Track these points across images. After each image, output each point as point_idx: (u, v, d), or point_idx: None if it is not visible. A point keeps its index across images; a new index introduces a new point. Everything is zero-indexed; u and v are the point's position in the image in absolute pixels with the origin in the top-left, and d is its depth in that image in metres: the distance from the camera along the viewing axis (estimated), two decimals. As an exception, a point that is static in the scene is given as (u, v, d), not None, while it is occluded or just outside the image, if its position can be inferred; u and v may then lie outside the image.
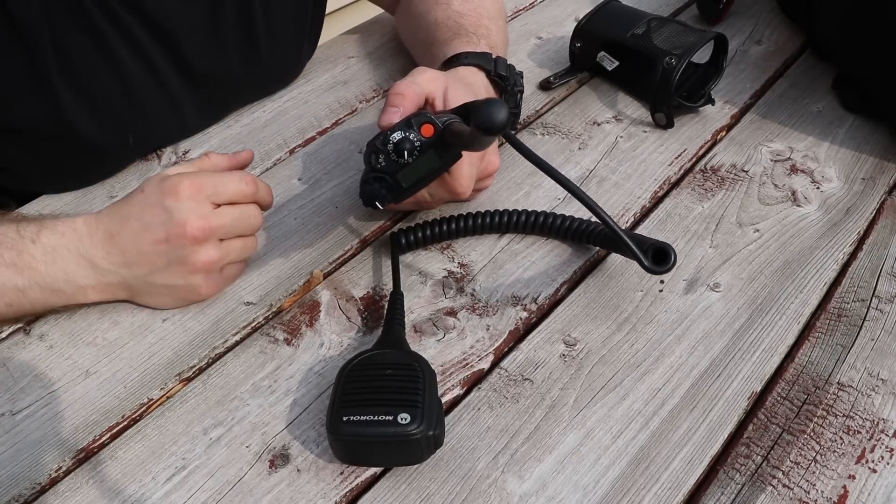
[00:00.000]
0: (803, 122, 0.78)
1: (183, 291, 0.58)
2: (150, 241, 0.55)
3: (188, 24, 0.68)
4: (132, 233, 0.55)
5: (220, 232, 0.56)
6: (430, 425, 0.47)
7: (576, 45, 0.83)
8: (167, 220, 0.54)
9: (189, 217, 0.54)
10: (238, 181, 0.57)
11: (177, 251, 0.55)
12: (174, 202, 0.54)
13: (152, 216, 0.55)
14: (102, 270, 0.56)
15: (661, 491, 0.48)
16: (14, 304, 0.55)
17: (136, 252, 0.55)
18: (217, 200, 0.56)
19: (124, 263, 0.56)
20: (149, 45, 0.67)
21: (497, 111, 0.45)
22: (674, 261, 0.55)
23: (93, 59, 0.64)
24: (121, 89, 0.67)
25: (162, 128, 0.73)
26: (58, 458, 0.50)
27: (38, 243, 0.55)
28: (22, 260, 0.54)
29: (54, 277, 0.55)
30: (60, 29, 0.61)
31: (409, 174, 0.55)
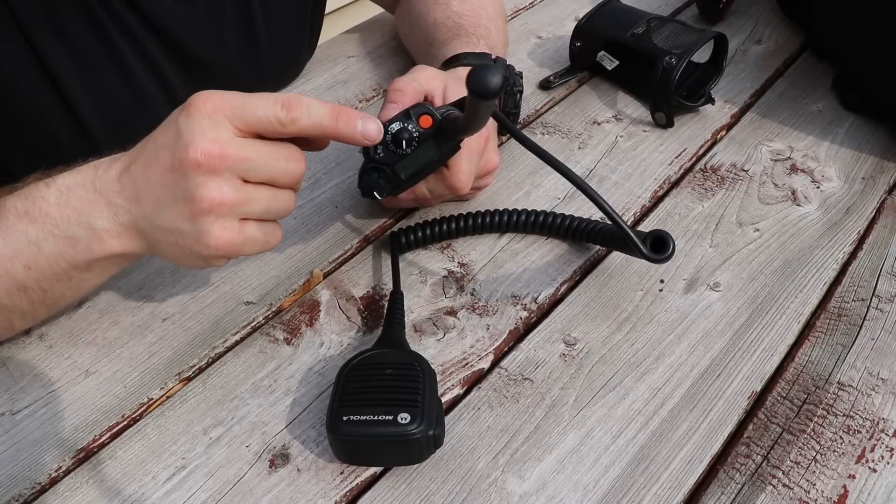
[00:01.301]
0: (803, 122, 0.78)
1: (190, 240, 0.47)
2: (157, 170, 0.46)
3: (187, 23, 0.69)
4: (144, 159, 0.47)
5: (240, 166, 0.45)
6: (430, 425, 0.47)
7: (576, 44, 0.83)
8: (175, 141, 0.45)
9: (196, 137, 0.44)
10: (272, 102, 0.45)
11: (181, 182, 0.45)
12: (185, 119, 0.45)
13: (164, 137, 0.46)
14: (116, 207, 0.47)
15: (661, 490, 0.48)
16: (32, 266, 0.48)
17: (144, 183, 0.46)
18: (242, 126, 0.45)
19: (134, 197, 0.47)
20: (148, 42, 0.67)
21: (491, 74, 0.43)
22: (672, 248, 0.54)
23: (96, 53, 0.64)
24: (122, 83, 0.67)
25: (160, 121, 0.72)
26: (58, 457, 0.50)
27: (52, 186, 0.48)
28: (35, 206, 0.47)
29: (67, 221, 0.47)
30: (63, 22, 0.61)
31: (407, 165, 0.55)
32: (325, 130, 0.47)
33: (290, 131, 0.46)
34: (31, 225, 0.47)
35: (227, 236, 0.47)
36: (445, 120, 0.54)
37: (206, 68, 0.72)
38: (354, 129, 0.48)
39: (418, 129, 0.54)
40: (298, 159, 0.48)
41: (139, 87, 0.68)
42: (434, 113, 0.54)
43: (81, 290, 0.52)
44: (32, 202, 0.48)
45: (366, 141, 0.49)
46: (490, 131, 0.64)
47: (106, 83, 0.66)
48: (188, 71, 0.71)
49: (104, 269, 0.51)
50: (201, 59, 0.71)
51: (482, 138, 0.61)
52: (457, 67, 0.67)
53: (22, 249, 0.48)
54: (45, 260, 0.48)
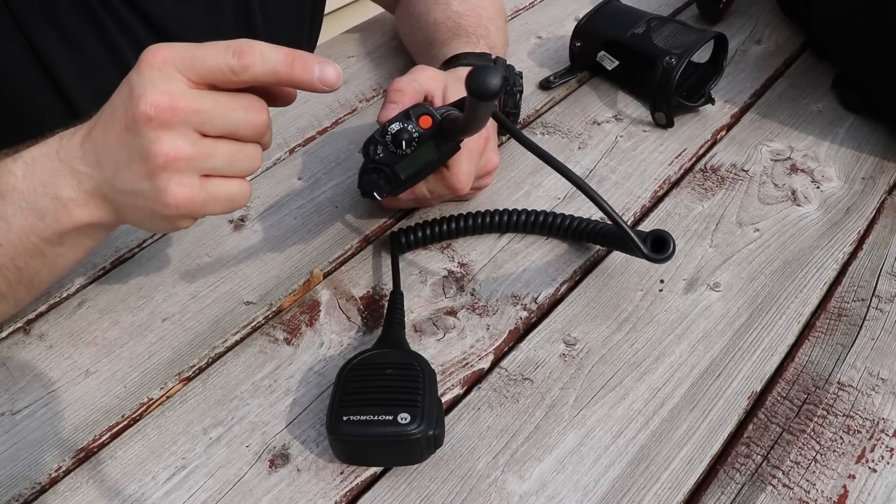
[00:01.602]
0: (803, 122, 0.78)
1: (149, 201, 0.45)
2: (114, 130, 0.44)
3: (186, 21, 0.69)
4: (103, 122, 0.45)
5: (195, 119, 0.43)
6: (430, 425, 0.47)
7: (576, 44, 0.83)
8: (128, 98, 0.43)
9: (147, 91, 0.42)
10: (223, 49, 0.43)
11: (136, 140, 0.43)
12: (136, 75, 0.43)
13: (119, 97, 0.44)
14: (79, 175, 0.46)
15: (661, 490, 0.48)
16: (4, 243, 0.47)
17: (104, 146, 0.45)
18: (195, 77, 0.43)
19: (96, 163, 0.45)
20: (147, 40, 0.67)
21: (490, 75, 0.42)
22: (673, 248, 0.54)
23: (95, 50, 0.64)
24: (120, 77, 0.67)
25: None
26: (58, 457, 0.50)
27: (18, 159, 0.46)
28: (3, 181, 0.46)
29: (34, 193, 0.46)
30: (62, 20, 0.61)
31: (407, 165, 0.55)
32: (279, 77, 0.45)
33: (243, 79, 0.44)
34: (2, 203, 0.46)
35: (187, 193, 0.44)
36: (445, 120, 0.54)
37: None
38: (311, 74, 0.46)
39: (418, 130, 0.54)
40: (259, 109, 0.46)
41: None
42: (434, 113, 0.54)
43: (58, 266, 0.51)
44: (1, 177, 0.46)
45: (324, 87, 0.46)
46: (490, 131, 0.64)
47: (105, 81, 0.65)
48: None
49: (77, 241, 0.49)
50: None
51: (482, 138, 0.61)
52: (457, 67, 0.67)
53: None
54: (15, 235, 0.47)
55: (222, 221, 0.67)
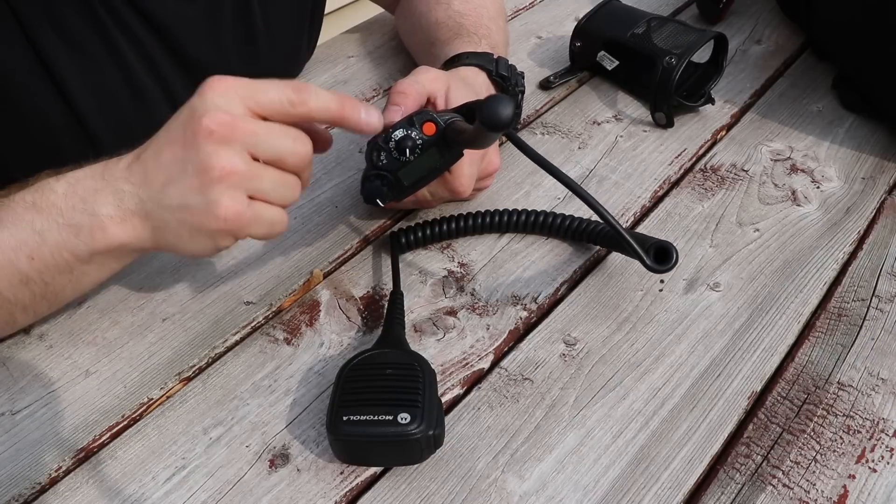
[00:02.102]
0: (803, 122, 0.78)
1: (199, 214, 0.47)
2: (169, 149, 0.47)
3: (186, 22, 0.69)
4: (156, 146, 0.48)
5: (250, 139, 0.46)
6: (430, 425, 0.47)
7: (576, 44, 0.83)
8: (188, 118, 0.46)
9: (209, 110, 0.46)
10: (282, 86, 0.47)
11: (193, 154, 0.46)
12: (199, 98, 0.47)
13: (176, 121, 0.48)
14: (122, 193, 0.48)
15: (661, 490, 0.48)
16: (36, 257, 0.48)
17: (155, 164, 0.48)
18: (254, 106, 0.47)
19: (143, 181, 0.48)
20: (148, 41, 0.67)
21: (503, 107, 0.44)
22: (675, 259, 0.54)
23: (97, 51, 0.64)
24: (123, 81, 0.67)
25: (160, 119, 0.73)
26: (58, 457, 0.50)
27: (61, 179, 0.49)
28: (43, 198, 0.48)
29: (72, 209, 0.48)
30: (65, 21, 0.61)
31: (410, 172, 0.55)
32: (331, 113, 0.49)
33: (299, 112, 0.48)
34: (37, 215, 0.48)
35: (237, 208, 0.47)
36: (450, 129, 0.54)
37: (204, 67, 0.72)
38: (358, 115, 0.50)
39: (422, 137, 0.54)
40: (305, 142, 0.49)
41: (139, 85, 0.68)
42: (438, 120, 0.54)
43: (82, 285, 0.52)
44: (41, 194, 0.48)
45: (368, 128, 0.51)
46: None
47: (107, 82, 0.66)
48: (187, 70, 0.71)
49: (105, 262, 0.51)
50: (200, 59, 0.71)
51: None
52: (458, 67, 0.67)
53: (26, 240, 0.48)
54: (48, 250, 0.48)
55: (222, 221, 0.67)
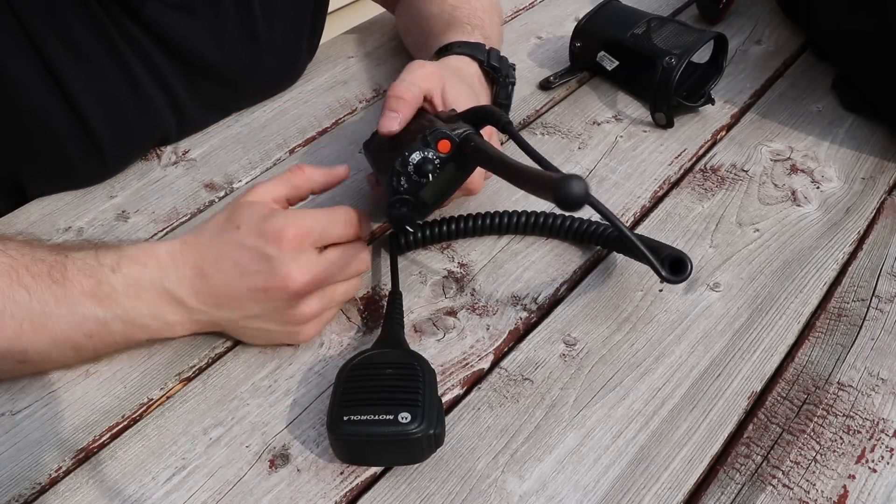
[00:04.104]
0: (803, 122, 0.78)
1: (279, 335, 0.55)
2: (246, 288, 0.51)
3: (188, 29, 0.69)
4: (226, 275, 0.51)
5: (325, 283, 0.53)
6: (431, 424, 0.47)
7: (576, 44, 0.83)
8: (268, 269, 0.50)
9: (293, 271, 0.50)
10: (344, 225, 0.54)
11: (276, 303, 0.51)
12: (276, 251, 0.50)
13: (250, 261, 0.51)
14: (190, 309, 0.52)
15: (661, 491, 0.48)
16: (94, 336, 0.51)
17: (229, 296, 0.52)
18: (321, 245, 0.53)
19: (216, 305, 0.52)
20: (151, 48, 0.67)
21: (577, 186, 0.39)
22: (690, 270, 0.55)
23: (102, 59, 0.64)
24: (128, 88, 0.67)
25: (162, 124, 0.73)
26: (58, 457, 0.50)
27: (118, 273, 0.51)
28: (101, 290, 0.50)
29: (138, 312, 0.51)
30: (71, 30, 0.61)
31: (432, 191, 0.56)
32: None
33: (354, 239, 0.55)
34: (97, 305, 0.50)
35: (314, 331, 0.55)
36: (467, 146, 0.54)
37: (207, 73, 0.72)
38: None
39: (438, 156, 0.54)
40: (364, 258, 0.56)
41: (143, 92, 0.68)
42: (451, 137, 0.54)
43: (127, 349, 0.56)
44: (99, 285, 0.50)
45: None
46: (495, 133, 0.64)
47: (112, 89, 0.66)
48: (189, 76, 0.71)
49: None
50: (202, 65, 0.71)
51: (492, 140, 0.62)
52: (449, 56, 0.68)
53: (86, 323, 0.50)
54: (108, 334, 0.52)
55: (222, 222, 0.67)
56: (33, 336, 0.50)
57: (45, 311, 0.49)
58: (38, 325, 0.49)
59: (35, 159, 0.66)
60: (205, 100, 0.74)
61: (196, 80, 0.72)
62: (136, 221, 0.67)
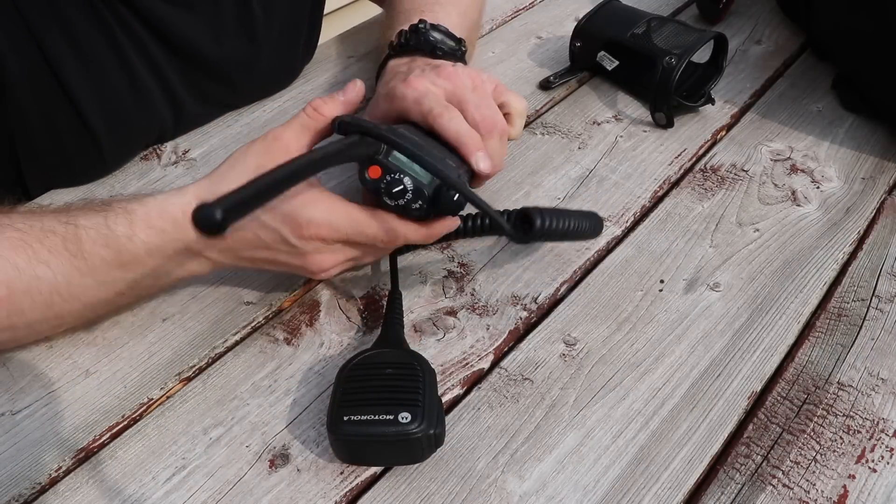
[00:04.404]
0: (803, 122, 0.78)
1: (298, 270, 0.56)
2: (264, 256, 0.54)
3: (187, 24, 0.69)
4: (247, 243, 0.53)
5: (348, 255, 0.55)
6: (431, 424, 0.47)
7: (576, 44, 0.83)
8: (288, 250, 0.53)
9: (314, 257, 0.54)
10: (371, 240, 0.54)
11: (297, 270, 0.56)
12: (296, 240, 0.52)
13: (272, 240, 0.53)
14: (215, 261, 0.54)
15: (661, 490, 0.48)
16: (126, 293, 0.54)
17: (249, 258, 0.54)
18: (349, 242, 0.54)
19: (237, 259, 0.55)
20: (150, 42, 0.67)
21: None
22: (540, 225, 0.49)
23: (102, 53, 0.65)
24: (126, 83, 0.67)
25: (160, 119, 0.73)
26: (58, 457, 0.50)
27: (136, 240, 0.51)
28: (123, 258, 0.51)
29: (165, 269, 0.53)
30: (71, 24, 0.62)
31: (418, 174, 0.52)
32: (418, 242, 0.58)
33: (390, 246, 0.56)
34: (124, 271, 0.52)
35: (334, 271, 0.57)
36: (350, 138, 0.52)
37: (204, 68, 0.73)
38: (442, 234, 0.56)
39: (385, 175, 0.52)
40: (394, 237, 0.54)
41: (142, 87, 0.68)
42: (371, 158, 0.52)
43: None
44: (120, 253, 0.51)
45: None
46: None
47: (109, 82, 0.66)
48: (187, 71, 0.71)
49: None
50: (200, 60, 0.72)
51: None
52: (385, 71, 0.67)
53: (117, 286, 0.52)
54: (139, 288, 0.54)
55: (222, 221, 0.67)
56: (66, 305, 0.52)
57: (71, 282, 0.50)
58: (68, 294, 0.51)
59: (33, 151, 0.66)
60: (202, 95, 0.75)
61: (194, 75, 0.72)
62: (136, 221, 0.67)
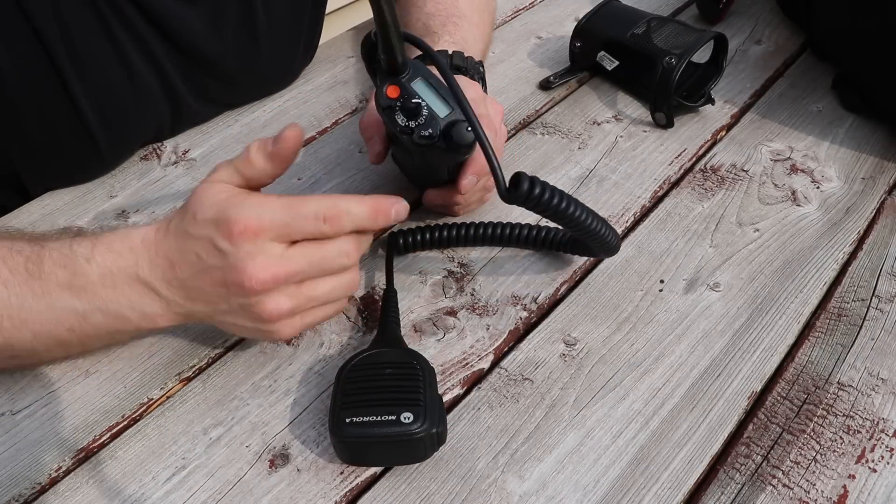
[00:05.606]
0: (803, 122, 0.78)
1: (254, 333, 0.51)
2: (208, 282, 0.48)
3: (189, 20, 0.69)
4: (190, 267, 0.48)
5: (294, 278, 0.47)
6: (433, 423, 0.47)
7: (576, 44, 0.83)
8: (223, 264, 0.46)
9: (248, 266, 0.46)
10: (314, 220, 0.47)
11: (238, 299, 0.47)
12: (228, 245, 0.46)
13: (207, 254, 0.47)
14: (167, 300, 0.49)
15: (661, 491, 0.48)
16: (76, 329, 0.49)
17: (196, 289, 0.48)
18: (288, 240, 0.47)
19: (187, 297, 0.49)
20: (150, 38, 0.67)
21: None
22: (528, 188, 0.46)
23: (100, 48, 0.64)
24: (125, 78, 0.67)
25: (158, 115, 0.73)
26: (58, 457, 0.50)
27: (93, 263, 0.48)
28: (77, 281, 0.48)
29: (117, 303, 0.48)
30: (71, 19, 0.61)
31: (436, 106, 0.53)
32: (364, 228, 0.49)
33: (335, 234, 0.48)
34: (75, 298, 0.48)
35: (291, 331, 0.50)
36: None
37: (204, 65, 0.72)
38: (389, 218, 0.50)
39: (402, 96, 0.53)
40: (349, 251, 0.49)
41: (141, 82, 0.68)
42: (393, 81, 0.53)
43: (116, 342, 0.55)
44: (74, 275, 0.48)
45: (401, 219, 0.50)
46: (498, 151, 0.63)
47: (107, 77, 0.66)
48: (188, 68, 0.71)
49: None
50: (201, 56, 0.71)
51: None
52: None
53: (66, 316, 0.49)
54: (90, 327, 0.50)
55: (222, 221, 0.67)
56: (15, 332, 0.48)
57: (23, 305, 0.48)
58: (18, 320, 0.48)
59: (31, 149, 0.66)
60: (202, 92, 0.74)
61: (194, 71, 0.72)
62: (136, 221, 0.67)
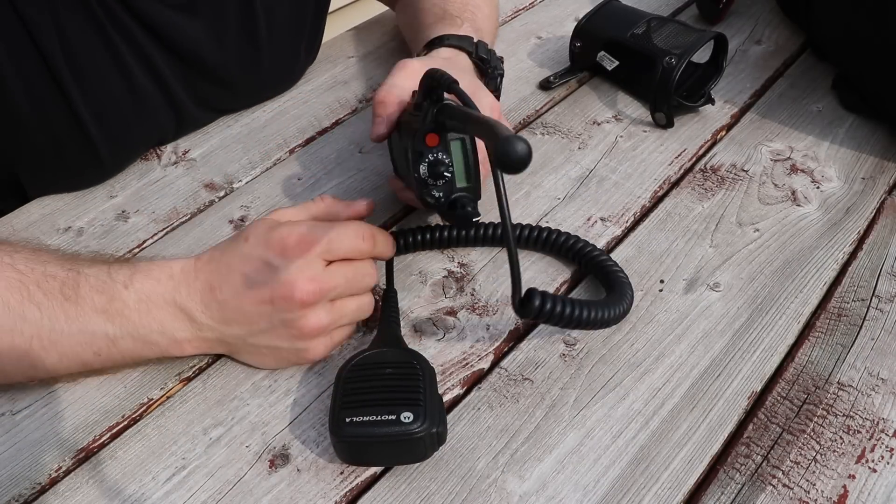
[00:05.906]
0: (803, 122, 0.78)
1: (287, 354, 0.53)
2: (252, 300, 0.50)
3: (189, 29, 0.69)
4: (233, 288, 0.51)
5: (332, 294, 0.52)
6: (434, 422, 0.47)
7: (576, 44, 0.83)
8: (272, 279, 0.50)
9: (298, 279, 0.49)
10: (354, 237, 0.53)
11: (282, 314, 0.50)
12: (281, 260, 0.50)
13: (256, 272, 0.50)
14: (200, 325, 0.52)
15: (661, 490, 0.48)
16: (103, 354, 0.51)
17: (236, 309, 0.51)
18: (329, 258, 0.52)
19: (223, 320, 0.51)
20: (149, 47, 0.67)
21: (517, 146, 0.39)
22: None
23: (101, 58, 0.64)
24: (125, 88, 0.67)
25: (159, 125, 0.73)
26: (58, 457, 0.50)
27: (130, 289, 0.51)
28: (113, 306, 0.50)
29: (148, 328, 0.51)
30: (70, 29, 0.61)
31: (461, 175, 0.56)
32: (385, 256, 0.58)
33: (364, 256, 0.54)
34: (108, 322, 0.50)
35: (323, 346, 0.54)
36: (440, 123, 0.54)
37: (206, 74, 0.72)
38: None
39: (436, 150, 0.55)
40: (372, 273, 0.55)
41: (141, 93, 0.68)
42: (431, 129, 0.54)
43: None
44: (111, 301, 0.50)
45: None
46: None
47: (105, 85, 0.66)
48: (188, 76, 0.71)
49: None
50: (203, 66, 0.71)
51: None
52: (439, 49, 0.69)
53: (96, 340, 0.50)
54: (117, 352, 0.51)
55: (222, 221, 0.67)
56: (42, 353, 0.50)
57: (55, 327, 0.49)
58: (48, 342, 0.49)
59: (31, 158, 0.66)
60: (203, 100, 0.74)
61: (195, 80, 0.72)
62: (136, 221, 0.67)
